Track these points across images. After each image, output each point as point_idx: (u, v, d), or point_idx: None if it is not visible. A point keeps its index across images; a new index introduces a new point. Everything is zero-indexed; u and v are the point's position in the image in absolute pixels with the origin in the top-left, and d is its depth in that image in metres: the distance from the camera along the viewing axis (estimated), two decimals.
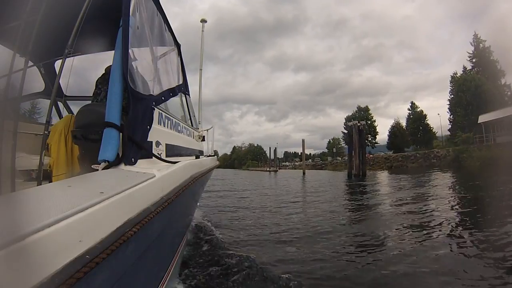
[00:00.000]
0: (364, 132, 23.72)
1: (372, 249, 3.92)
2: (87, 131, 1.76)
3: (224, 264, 3.30)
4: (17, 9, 1.99)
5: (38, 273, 0.55)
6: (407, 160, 31.02)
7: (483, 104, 27.96)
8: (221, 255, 3.61)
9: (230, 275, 3.03)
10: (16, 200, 0.79)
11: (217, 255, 3.62)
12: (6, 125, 1.82)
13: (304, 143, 37.05)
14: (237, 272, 3.08)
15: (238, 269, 3.15)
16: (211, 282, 2.91)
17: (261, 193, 12.33)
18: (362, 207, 7.59)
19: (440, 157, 27.85)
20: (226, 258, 3.46)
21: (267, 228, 5.35)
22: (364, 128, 23.54)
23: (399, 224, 5.22)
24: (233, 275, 3.01)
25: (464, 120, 31.02)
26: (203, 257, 3.56)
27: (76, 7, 1.80)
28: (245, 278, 2.97)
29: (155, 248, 1.46)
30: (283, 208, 7.75)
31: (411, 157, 31.19)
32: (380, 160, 33.93)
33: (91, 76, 2.46)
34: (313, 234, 4.78)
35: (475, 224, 4.87)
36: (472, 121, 29.06)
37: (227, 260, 3.40)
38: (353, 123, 23.79)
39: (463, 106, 31.64)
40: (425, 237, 4.25)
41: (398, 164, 31.31)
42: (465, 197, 8.11)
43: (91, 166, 1.35)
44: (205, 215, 6.50)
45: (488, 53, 33.57)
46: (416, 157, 30.54)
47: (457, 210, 6.43)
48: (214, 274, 3.07)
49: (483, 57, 33.42)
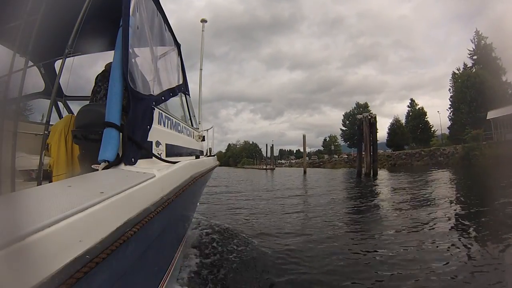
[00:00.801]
0: (376, 125, 20.83)
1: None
2: (87, 131, 1.76)
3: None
4: (17, 9, 1.99)
5: (38, 273, 0.55)
6: (412, 158, 30.25)
7: (488, 101, 27.09)
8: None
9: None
10: (16, 200, 0.79)
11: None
12: (6, 125, 1.82)
13: (305, 139, 33.06)
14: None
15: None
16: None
17: (263, 199, 9.52)
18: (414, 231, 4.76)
19: (447, 154, 27.00)
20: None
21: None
22: (375, 121, 20.54)
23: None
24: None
25: (469, 117, 30.19)
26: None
27: (76, 7, 1.80)
28: None
29: (155, 248, 1.46)
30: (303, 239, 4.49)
31: (416, 154, 30.43)
32: (382, 158, 32.63)
33: (91, 76, 2.46)
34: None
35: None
36: (477, 118, 28.29)
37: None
38: (363, 116, 20.89)
39: (467, 103, 30.84)
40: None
41: (402, 162, 30.37)
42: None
43: (91, 166, 1.36)
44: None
45: (490, 50, 33.14)
46: (421, 155, 29.80)
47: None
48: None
49: (485, 54, 33.00)
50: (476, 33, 35.24)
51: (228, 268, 3.30)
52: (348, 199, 9.16)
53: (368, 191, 11.07)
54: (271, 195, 10.81)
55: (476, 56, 34.84)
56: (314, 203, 8.34)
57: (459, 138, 28.42)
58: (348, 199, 9.28)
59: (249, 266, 3.38)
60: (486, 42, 34.04)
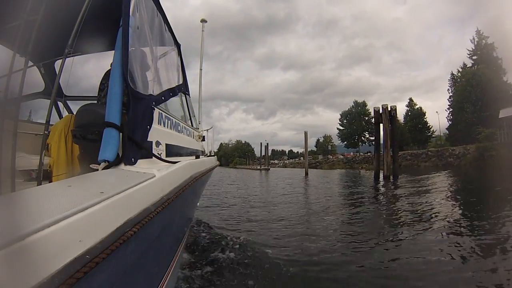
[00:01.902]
0: (397, 118, 17.97)
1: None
2: (86, 130, 1.76)
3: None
4: (17, 9, 1.99)
5: (38, 273, 0.54)
6: (418, 159, 29.19)
7: (494, 100, 26.16)
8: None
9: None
10: (16, 200, 0.79)
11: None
12: (6, 125, 1.82)
13: (306, 136, 28.39)
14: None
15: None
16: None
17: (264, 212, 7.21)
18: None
19: (457, 155, 25.95)
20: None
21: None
22: (396, 114, 17.49)
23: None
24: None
25: (474, 117, 29.30)
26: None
27: (76, 7, 1.80)
28: None
29: (155, 248, 1.46)
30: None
31: (422, 155, 29.49)
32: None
33: (91, 76, 2.47)
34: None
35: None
36: (482, 117, 27.28)
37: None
38: (382, 107, 17.16)
39: (472, 102, 30.06)
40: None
41: (407, 163, 28.74)
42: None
43: (90, 166, 1.36)
44: None
45: (491, 49, 32.80)
46: (428, 155, 28.82)
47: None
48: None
49: (486, 53, 32.64)
50: (477, 32, 35.06)
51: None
52: (403, 224, 5.48)
53: (412, 202, 7.75)
54: (280, 213, 6.90)
55: (476, 56, 34.67)
56: (357, 230, 5.11)
57: (463, 139, 27.55)
58: (401, 223, 5.57)
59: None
60: (487, 41, 33.85)
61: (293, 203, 8.71)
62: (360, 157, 42.48)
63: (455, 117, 33.98)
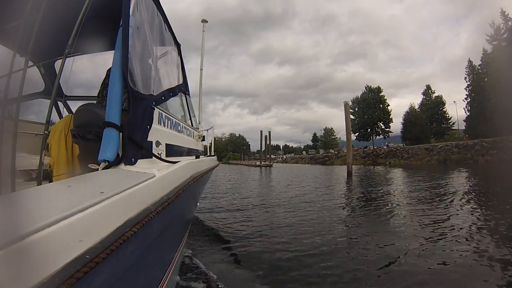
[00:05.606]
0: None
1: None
2: (84, 130, 1.76)
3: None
4: (17, 9, 1.99)
5: (38, 273, 0.54)
6: (471, 151, 23.95)
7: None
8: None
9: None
10: (16, 200, 0.79)
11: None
12: (6, 125, 1.82)
13: (348, 109, 18.15)
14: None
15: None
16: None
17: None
18: None
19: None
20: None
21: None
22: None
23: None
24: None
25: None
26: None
27: (76, 7, 1.80)
28: None
29: (155, 248, 1.46)
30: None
31: (476, 146, 23.89)
32: (408, 151, 26.46)
33: (91, 76, 2.47)
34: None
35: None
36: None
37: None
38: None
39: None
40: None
41: (456, 157, 24.00)
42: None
43: (89, 166, 1.36)
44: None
45: None
46: (483, 147, 23.22)
47: None
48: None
49: None
50: (502, 13, 30.13)
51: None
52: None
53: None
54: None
55: (497, 42, 30.66)
56: None
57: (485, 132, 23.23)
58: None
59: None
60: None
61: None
62: (385, 150, 33.00)
63: (476, 108, 29.54)
